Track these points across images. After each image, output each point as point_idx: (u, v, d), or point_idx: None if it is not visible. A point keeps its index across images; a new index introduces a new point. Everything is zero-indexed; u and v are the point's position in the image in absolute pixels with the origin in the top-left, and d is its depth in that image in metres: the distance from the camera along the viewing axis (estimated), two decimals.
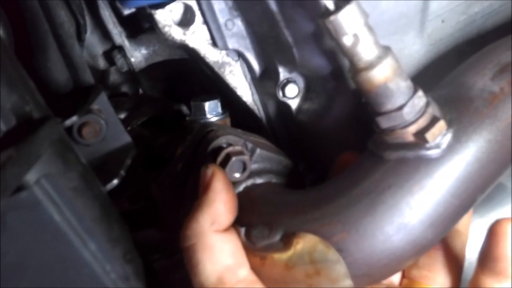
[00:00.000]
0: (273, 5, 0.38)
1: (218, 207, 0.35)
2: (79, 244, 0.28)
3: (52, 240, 0.28)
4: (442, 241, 0.39)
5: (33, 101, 0.33)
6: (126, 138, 0.43)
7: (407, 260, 0.35)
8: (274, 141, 0.49)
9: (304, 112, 0.47)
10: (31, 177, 0.27)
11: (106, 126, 0.41)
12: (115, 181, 0.39)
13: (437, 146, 0.34)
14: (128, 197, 0.47)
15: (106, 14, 0.49)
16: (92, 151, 0.40)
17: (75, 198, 0.31)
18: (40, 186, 0.27)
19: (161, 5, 0.42)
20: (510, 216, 0.44)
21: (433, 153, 0.34)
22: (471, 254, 0.40)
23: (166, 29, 0.44)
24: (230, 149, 0.40)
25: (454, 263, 0.38)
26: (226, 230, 0.35)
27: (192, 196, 0.43)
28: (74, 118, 0.38)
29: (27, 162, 0.28)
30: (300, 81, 0.46)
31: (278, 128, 0.51)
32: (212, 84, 0.52)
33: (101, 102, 0.41)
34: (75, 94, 0.43)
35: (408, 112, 0.33)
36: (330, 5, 0.32)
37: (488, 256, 0.34)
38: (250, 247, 0.36)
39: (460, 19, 0.42)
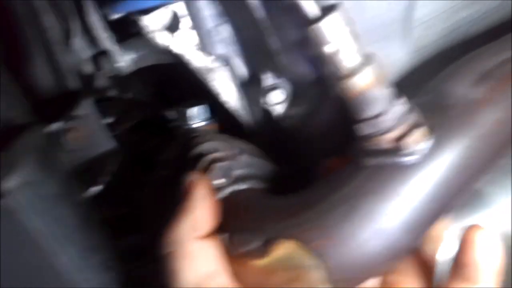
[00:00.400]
0: (260, 13, 0.39)
1: (198, 214, 0.35)
2: (57, 251, 0.29)
3: (30, 247, 0.28)
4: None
5: (17, 107, 0.33)
6: (111, 144, 0.43)
7: (384, 265, 0.35)
8: (260, 146, 0.49)
9: (289, 117, 0.47)
10: (10, 184, 0.27)
11: (92, 132, 0.41)
12: (99, 187, 0.39)
13: (415, 152, 0.34)
14: (113, 202, 0.48)
15: (94, 19, 0.50)
16: (77, 157, 0.41)
17: (54, 205, 0.31)
18: (19, 193, 0.27)
19: (148, 11, 0.43)
20: (485, 221, 0.45)
21: (410, 159, 0.34)
22: (445, 257, 0.40)
23: (153, 34, 0.44)
24: (214, 155, 0.41)
25: (427, 267, 0.39)
26: (207, 236, 0.36)
27: (175, 203, 0.44)
28: (59, 124, 0.38)
29: (7, 169, 0.28)
30: (286, 87, 0.46)
31: (265, 133, 0.51)
32: (201, 88, 0.52)
33: (87, 108, 0.41)
34: (61, 99, 0.44)
35: (388, 119, 0.34)
36: (314, 13, 0.32)
37: (458, 262, 0.35)
38: (232, 253, 0.37)
39: (445, 26, 0.43)
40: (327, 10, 0.32)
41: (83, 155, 0.41)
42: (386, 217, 0.34)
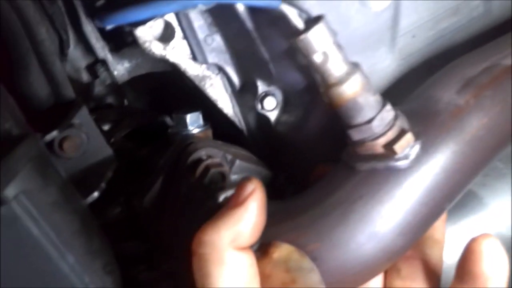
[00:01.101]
0: (248, 24, 0.40)
1: (244, 227, 0.33)
2: (57, 257, 0.29)
3: (31, 255, 0.28)
4: (420, 250, 0.40)
5: (12, 118, 0.34)
6: (108, 151, 0.43)
7: (379, 267, 0.36)
8: (255, 152, 0.50)
9: (282, 124, 0.48)
10: (9, 193, 0.28)
11: (87, 140, 0.41)
12: (96, 194, 0.39)
13: (406, 157, 0.35)
14: (110, 208, 0.48)
15: (89, 29, 0.51)
16: (74, 165, 0.41)
17: (53, 212, 0.32)
18: (18, 201, 0.28)
19: (141, 22, 0.43)
20: (481, 224, 0.46)
21: (401, 164, 0.35)
22: (445, 259, 0.41)
23: (147, 44, 0.45)
24: (209, 161, 0.41)
25: (433, 271, 0.39)
26: (245, 249, 0.34)
27: (173, 207, 0.44)
28: (54, 133, 0.38)
29: (5, 178, 0.28)
30: (278, 94, 0.47)
31: (259, 139, 0.52)
32: (196, 95, 0.53)
33: (82, 116, 0.42)
34: (56, 109, 0.44)
35: (377, 125, 0.35)
36: (300, 25, 0.33)
37: (465, 272, 0.34)
38: None
39: (430, 34, 0.44)
40: (312, 21, 0.33)
41: (80, 163, 0.41)
42: (379, 221, 0.35)
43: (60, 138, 0.40)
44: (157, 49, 0.45)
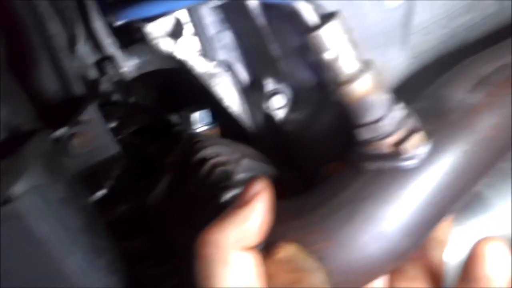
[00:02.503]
0: (260, 20, 0.39)
1: (250, 227, 0.33)
2: (65, 254, 0.29)
3: (38, 251, 0.29)
4: (425, 251, 0.39)
5: (24, 113, 0.34)
6: (116, 148, 0.44)
7: (385, 268, 0.36)
8: (263, 150, 0.50)
9: (291, 122, 0.48)
10: (18, 189, 0.28)
11: (96, 137, 0.42)
12: (104, 191, 0.40)
13: (414, 157, 0.35)
14: (118, 205, 0.48)
15: (99, 25, 0.51)
16: (82, 161, 0.41)
17: (61, 209, 0.32)
18: (27, 198, 0.28)
19: (152, 18, 0.43)
20: (487, 225, 0.45)
21: (409, 164, 0.35)
22: (450, 259, 0.41)
23: (157, 40, 0.45)
24: (216, 159, 0.41)
25: (437, 271, 0.39)
26: (251, 249, 0.33)
27: (180, 205, 0.44)
28: (64, 129, 0.39)
29: (14, 174, 0.29)
30: (287, 92, 0.47)
31: (267, 137, 0.52)
32: (204, 93, 0.53)
33: (91, 113, 0.42)
34: (66, 105, 0.44)
35: (387, 124, 0.34)
36: (314, 21, 0.33)
37: (469, 274, 0.34)
38: None
39: (443, 32, 0.43)
40: (326, 18, 0.33)
41: (89, 160, 0.42)
42: (386, 221, 0.35)
43: (70, 134, 0.40)
44: (167, 45, 0.45)
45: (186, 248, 0.35)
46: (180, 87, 0.65)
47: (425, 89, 0.39)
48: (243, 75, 0.48)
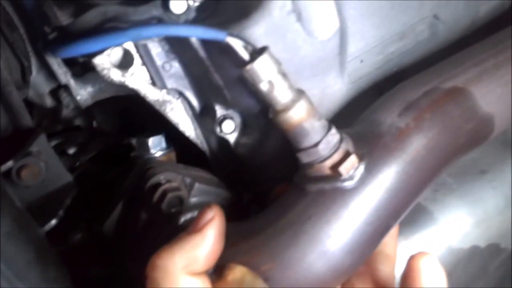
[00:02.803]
0: (201, 52, 0.41)
1: (200, 254, 0.34)
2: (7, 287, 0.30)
3: None
4: (372, 266, 0.41)
5: None
6: (67, 178, 0.44)
7: (330, 285, 0.38)
8: (218, 173, 0.51)
9: (242, 146, 0.50)
10: None
11: (46, 167, 0.42)
12: (54, 221, 0.40)
13: (351, 178, 0.37)
14: (72, 234, 0.48)
15: (51, 56, 0.51)
16: (32, 193, 0.41)
17: (6, 242, 0.32)
18: None
19: (96, 53, 0.44)
20: (431, 238, 0.48)
21: (347, 184, 0.37)
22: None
23: (105, 72, 0.46)
24: (167, 185, 0.42)
25: (386, 285, 0.41)
26: (198, 274, 0.34)
27: (134, 232, 0.45)
28: (10, 163, 0.39)
29: None
30: (237, 117, 0.49)
31: (221, 161, 0.53)
32: (160, 119, 0.54)
33: (40, 144, 0.42)
34: (15, 137, 0.44)
35: (323, 148, 0.37)
36: (246, 56, 0.35)
37: None
38: None
39: (378, 58, 0.46)
40: (257, 53, 0.35)
41: (39, 191, 0.42)
42: (328, 240, 0.36)
43: (18, 167, 0.40)
44: (116, 76, 0.46)
45: (140, 274, 0.36)
46: (139, 112, 0.66)
47: (361, 113, 0.42)
48: (194, 101, 0.49)
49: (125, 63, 0.46)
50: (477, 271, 0.51)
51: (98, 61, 0.44)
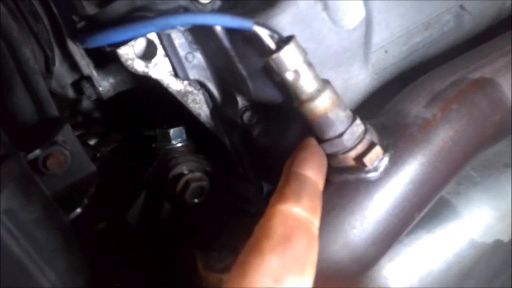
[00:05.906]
0: (226, 42, 0.41)
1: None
2: (38, 274, 0.30)
3: (12, 272, 0.29)
4: None
5: None
6: (91, 168, 0.44)
7: (353, 277, 0.38)
8: (239, 164, 0.51)
9: (263, 136, 0.49)
10: None
11: (71, 157, 0.42)
12: (79, 210, 0.40)
13: (375, 169, 0.36)
14: (95, 223, 0.49)
15: (74, 47, 0.52)
16: (58, 182, 0.42)
17: (36, 229, 0.33)
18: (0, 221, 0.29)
19: (122, 42, 0.45)
20: (454, 232, 0.47)
21: (371, 176, 0.36)
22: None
23: (129, 62, 0.46)
24: (190, 175, 0.43)
25: None
26: None
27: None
28: (37, 152, 0.39)
29: None
30: (259, 108, 0.48)
31: (242, 151, 0.53)
32: (181, 110, 0.54)
33: (66, 134, 0.43)
34: (41, 126, 0.45)
35: (348, 139, 0.36)
36: (272, 45, 0.35)
37: None
38: (210, 269, 0.38)
39: (403, 49, 0.46)
40: (283, 41, 0.34)
41: (64, 180, 0.42)
42: (352, 231, 0.36)
43: (44, 155, 0.41)
44: (140, 66, 0.46)
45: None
46: (157, 104, 0.66)
47: (385, 104, 0.41)
48: (216, 93, 0.50)
49: (149, 53, 0.46)
50: (500, 265, 0.50)
51: (122, 51, 0.45)
